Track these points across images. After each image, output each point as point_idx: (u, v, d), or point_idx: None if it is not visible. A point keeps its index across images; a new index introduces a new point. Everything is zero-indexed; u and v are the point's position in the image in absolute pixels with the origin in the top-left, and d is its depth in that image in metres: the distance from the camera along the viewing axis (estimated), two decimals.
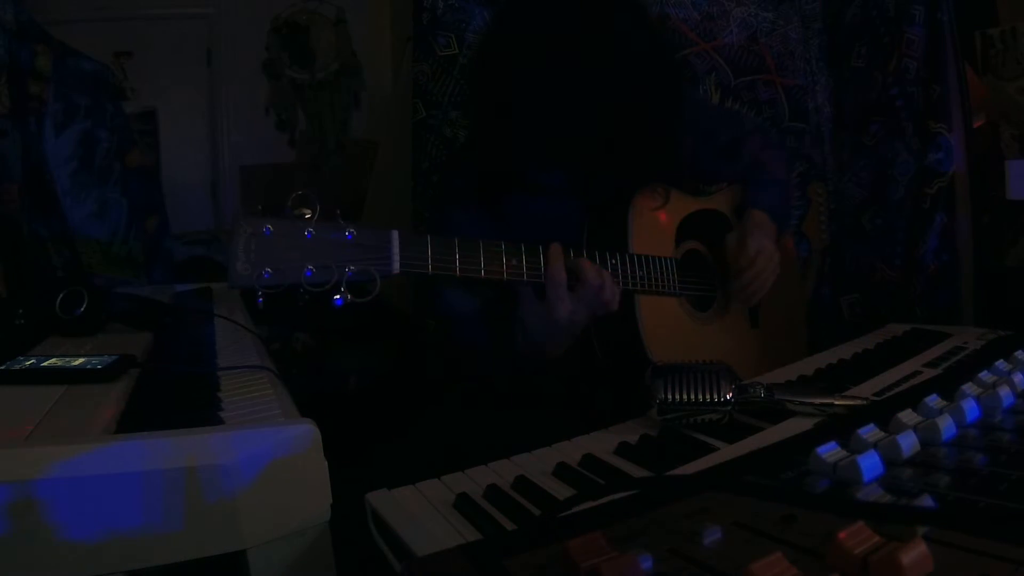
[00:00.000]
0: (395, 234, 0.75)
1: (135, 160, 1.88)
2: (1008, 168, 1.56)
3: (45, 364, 0.69)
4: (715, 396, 0.68)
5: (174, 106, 2.25)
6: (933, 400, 0.58)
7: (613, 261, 0.92)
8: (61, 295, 0.88)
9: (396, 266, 0.74)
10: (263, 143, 2.32)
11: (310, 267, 0.69)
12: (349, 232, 0.72)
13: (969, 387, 0.62)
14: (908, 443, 0.49)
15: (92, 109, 1.73)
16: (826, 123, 1.89)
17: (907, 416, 0.55)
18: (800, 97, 1.86)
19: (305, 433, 0.51)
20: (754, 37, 1.82)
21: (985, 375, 0.65)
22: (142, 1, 2.21)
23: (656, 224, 1.04)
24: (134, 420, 0.58)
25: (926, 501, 0.42)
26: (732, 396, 0.68)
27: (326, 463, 0.53)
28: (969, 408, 0.55)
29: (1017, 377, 0.62)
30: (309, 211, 0.71)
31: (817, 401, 0.69)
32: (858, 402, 0.68)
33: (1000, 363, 0.68)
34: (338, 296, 0.70)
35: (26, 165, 1.56)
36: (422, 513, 0.56)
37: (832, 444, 0.49)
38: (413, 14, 1.68)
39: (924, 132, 1.62)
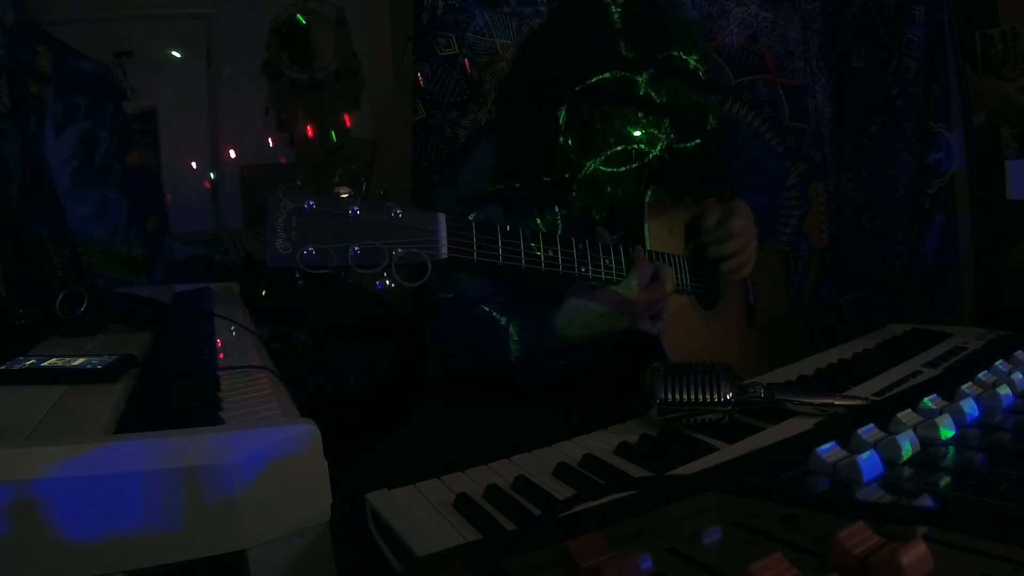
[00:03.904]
0: (442, 217, 0.71)
1: (135, 160, 1.88)
2: (1008, 168, 1.56)
3: (45, 364, 0.69)
4: (715, 396, 0.68)
5: (174, 106, 2.25)
6: (933, 400, 0.58)
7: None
8: (61, 295, 0.88)
9: (444, 250, 0.70)
10: (263, 143, 2.32)
11: (356, 247, 0.64)
12: (396, 211, 0.67)
13: (969, 387, 0.62)
14: (908, 443, 0.49)
15: (92, 109, 1.73)
16: (826, 123, 1.89)
17: (907, 416, 0.55)
18: (800, 97, 1.86)
19: (305, 433, 0.51)
20: (754, 37, 1.82)
21: (985, 375, 0.65)
22: (142, 1, 2.21)
23: (667, 221, 1.04)
24: (134, 420, 0.58)
25: (926, 501, 0.41)
26: (732, 396, 0.68)
27: (326, 463, 0.53)
28: (969, 408, 0.55)
29: (1017, 377, 0.62)
30: (347, 190, 0.67)
31: (817, 401, 0.69)
32: (858, 402, 0.68)
33: (1000, 363, 0.68)
34: (377, 281, 0.66)
35: (26, 165, 1.56)
36: (422, 513, 0.56)
37: (832, 444, 0.50)
38: (413, 14, 1.68)
39: (924, 132, 1.62)
